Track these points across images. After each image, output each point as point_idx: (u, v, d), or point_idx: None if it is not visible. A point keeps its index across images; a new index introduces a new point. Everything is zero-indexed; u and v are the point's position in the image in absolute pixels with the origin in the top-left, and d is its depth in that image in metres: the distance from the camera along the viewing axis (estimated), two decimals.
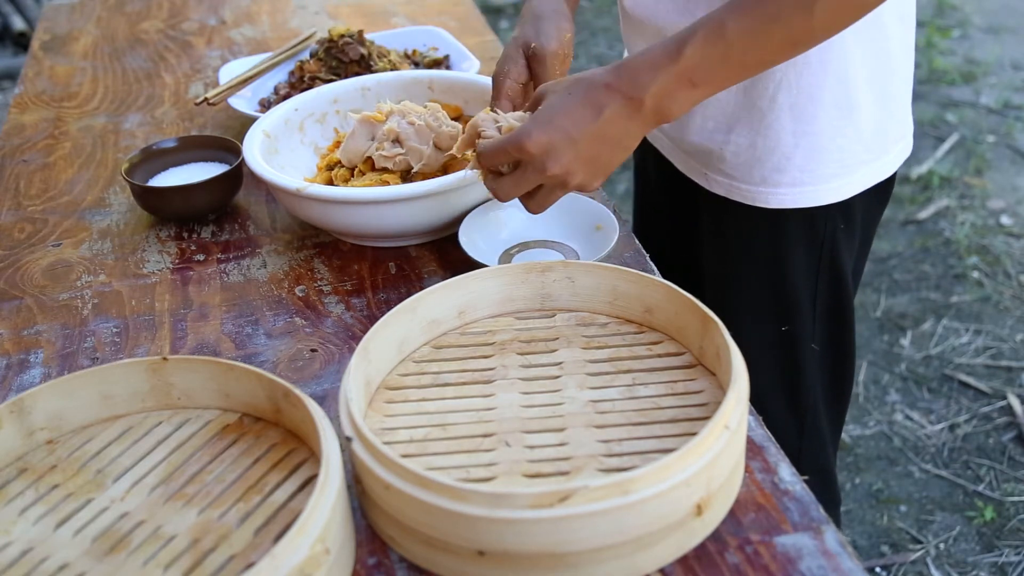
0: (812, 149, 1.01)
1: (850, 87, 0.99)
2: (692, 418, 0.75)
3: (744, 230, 1.09)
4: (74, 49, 1.70)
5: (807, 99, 0.99)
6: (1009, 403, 2.03)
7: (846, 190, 1.04)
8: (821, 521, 0.69)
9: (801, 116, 0.99)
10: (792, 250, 1.07)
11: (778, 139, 1.01)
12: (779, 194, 1.03)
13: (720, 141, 1.04)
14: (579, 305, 0.87)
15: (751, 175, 1.04)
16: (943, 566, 1.72)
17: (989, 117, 3.12)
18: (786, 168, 1.02)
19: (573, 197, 1.05)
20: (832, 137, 1.01)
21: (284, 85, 1.38)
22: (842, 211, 1.05)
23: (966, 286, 2.39)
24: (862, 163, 1.03)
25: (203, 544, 0.68)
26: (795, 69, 0.97)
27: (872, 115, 1.02)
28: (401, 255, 1.05)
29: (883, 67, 1.01)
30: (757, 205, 1.05)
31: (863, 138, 1.02)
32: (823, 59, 0.97)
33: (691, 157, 1.10)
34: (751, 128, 1.02)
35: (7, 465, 0.76)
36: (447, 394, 0.80)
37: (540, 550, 0.63)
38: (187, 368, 0.79)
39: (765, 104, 1.00)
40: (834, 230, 1.06)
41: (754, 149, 1.02)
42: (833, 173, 1.02)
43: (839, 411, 1.23)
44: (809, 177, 1.02)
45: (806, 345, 1.12)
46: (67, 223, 1.17)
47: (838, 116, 1.00)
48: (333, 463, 0.67)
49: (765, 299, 1.11)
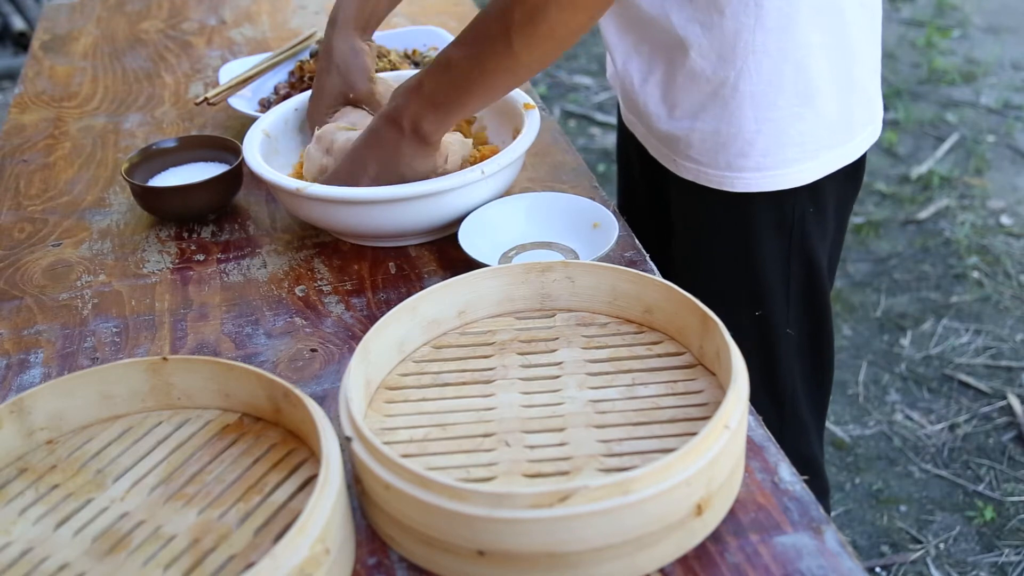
0: (773, 135, 1.04)
1: (810, 74, 1.02)
2: (692, 418, 0.75)
3: (713, 215, 1.12)
4: (74, 49, 1.70)
5: (767, 86, 1.02)
6: (1009, 403, 2.03)
7: (810, 174, 1.06)
8: (821, 521, 0.69)
9: (761, 103, 1.02)
10: (761, 234, 1.09)
11: (740, 126, 1.03)
12: (744, 178, 1.06)
13: (687, 128, 1.07)
14: (579, 305, 0.87)
15: (716, 160, 1.06)
16: (943, 566, 1.72)
17: (989, 117, 3.12)
18: (749, 153, 1.04)
19: (572, 197, 1.05)
20: (793, 123, 1.03)
21: (284, 85, 1.38)
22: (811, 195, 1.08)
23: (966, 286, 2.39)
24: (826, 148, 1.06)
25: (203, 544, 0.68)
26: (755, 58, 1.00)
27: (835, 101, 1.04)
28: (401, 255, 1.05)
29: (844, 54, 1.04)
30: (724, 189, 1.07)
31: (826, 123, 1.05)
32: (782, 48, 1.00)
33: (662, 144, 1.13)
34: (715, 116, 1.04)
35: (7, 465, 0.76)
36: (447, 394, 0.80)
37: (540, 550, 0.63)
38: (187, 368, 0.79)
39: (728, 91, 1.03)
40: (803, 214, 1.09)
41: (718, 135, 1.05)
42: (795, 158, 1.05)
43: (821, 399, 1.24)
44: (771, 162, 1.05)
45: (781, 330, 1.14)
46: (67, 223, 1.17)
47: (798, 103, 1.03)
48: (333, 463, 0.67)
49: (737, 283, 1.13)
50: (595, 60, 3.71)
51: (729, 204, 1.08)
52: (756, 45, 1.00)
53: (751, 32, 0.99)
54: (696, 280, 1.15)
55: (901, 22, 3.80)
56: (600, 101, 3.41)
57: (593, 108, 3.37)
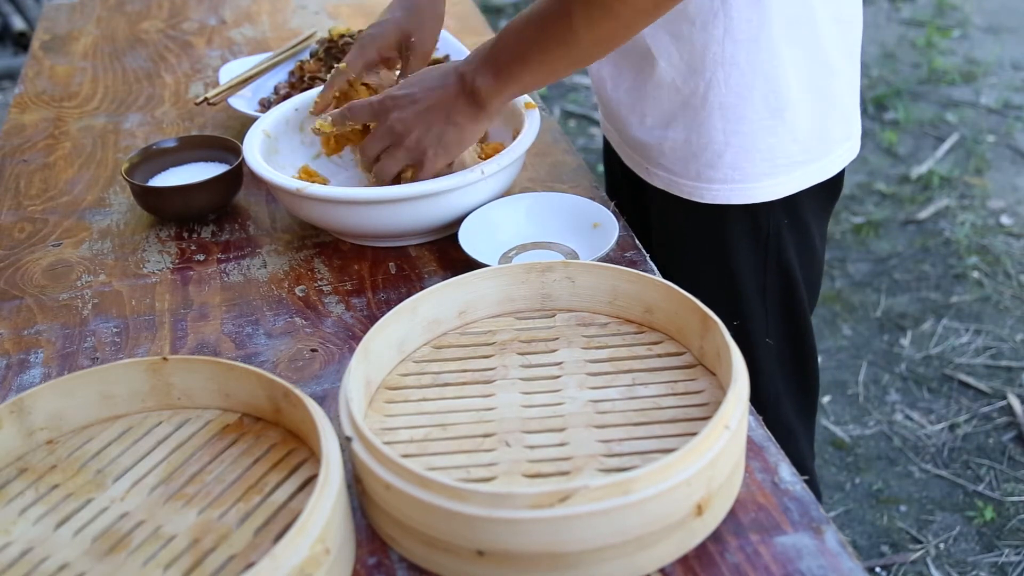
0: (742, 148, 1.03)
1: (780, 88, 1.00)
2: (692, 418, 0.75)
3: (687, 224, 1.11)
4: (74, 49, 1.70)
5: (736, 99, 1.00)
6: (1009, 403, 2.03)
7: (782, 189, 1.05)
8: (821, 521, 0.69)
9: (730, 115, 1.01)
10: (735, 244, 1.08)
11: (710, 137, 1.03)
12: (713, 190, 1.05)
13: (659, 136, 1.06)
14: (579, 305, 0.87)
15: (687, 170, 1.06)
16: (943, 566, 1.72)
17: (989, 117, 3.12)
18: (718, 165, 1.04)
19: (572, 197, 1.05)
20: (763, 137, 1.02)
21: (284, 85, 1.38)
22: (785, 207, 1.06)
23: (966, 286, 2.39)
24: (799, 164, 1.04)
25: (203, 544, 0.68)
26: (724, 69, 0.99)
27: (808, 116, 1.03)
28: (401, 255, 1.05)
29: (820, 69, 1.02)
30: (694, 200, 1.07)
31: (798, 139, 1.03)
32: (751, 60, 0.99)
33: (634, 151, 1.12)
34: (685, 125, 1.04)
35: (7, 465, 0.76)
36: (447, 394, 0.80)
37: (540, 550, 0.63)
38: (187, 368, 0.79)
39: (697, 102, 1.02)
40: (778, 225, 1.07)
41: (689, 145, 1.04)
42: (765, 172, 1.04)
43: (807, 405, 1.23)
44: (740, 175, 1.04)
45: (760, 339, 1.13)
46: (67, 223, 1.17)
47: (768, 116, 1.01)
48: (333, 463, 0.67)
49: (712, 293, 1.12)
50: None
51: (702, 214, 1.07)
52: (725, 57, 0.98)
53: (720, 44, 0.98)
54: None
55: (901, 22, 3.80)
56: None
57: (593, 108, 3.37)
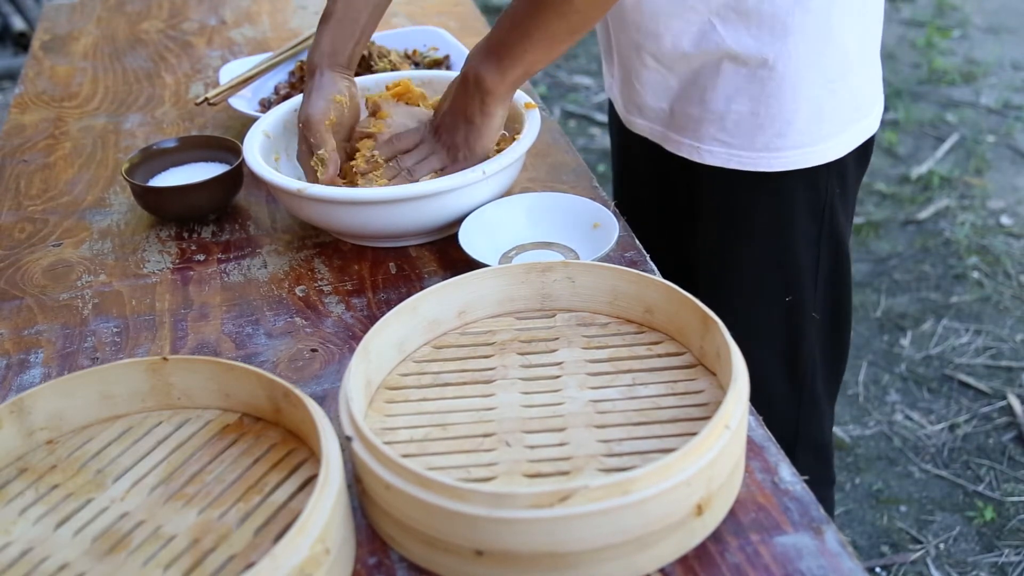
0: (809, 115, 1.05)
1: (843, 52, 1.04)
2: (692, 418, 0.75)
3: (746, 200, 1.11)
4: (74, 49, 1.70)
5: (806, 67, 1.03)
6: (1009, 403, 2.03)
7: (841, 148, 1.08)
8: (821, 521, 0.69)
9: (800, 84, 1.04)
10: (795, 216, 1.10)
11: (780, 106, 1.05)
12: (781, 157, 1.07)
13: (720, 112, 1.07)
14: (579, 305, 0.87)
15: (753, 142, 1.07)
16: (943, 566, 1.72)
17: (989, 117, 3.12)
18: (787, 133, 1.05)
19: (572, 197, 1.05)
20: (828, 100, 1.05)
21: (284, 85, 1.38)
22: (839, 173, 1.09)
23: (966, 286, 2.39)
24: (851, 121, 1.08)
25: (203, 544, 0.68)
26: (793, 38, 1.01)
27: (861, 76, 1.07)
28: (401, 255, 1.05)
29: (869, 29, 1.07)
30: (759, 170, 1.08)
31: (856, 98, 1.07)
32: (819, 27, 1.02)
33: (680, 133, 1.12)
34: (751, 97, 1.05)
35: (7, 465, 0.76)
36: (447, 394, 0.80)
37: (540, 550, 0.63)
38: (187, 368, 0.79)
39: (765, 73, 1.03)
40: (832, 195, 1.10)
41: (756, 117, 1.06)
42: (829, 133, 1.07)
43: (835, 383, 1.24)
44: (807, 138, 1.06)
45: (808, 315, 1.14)
46: (67, 223, 1.17)
47: (832, 80, 1.05)
48: (333, 463, 0.67)
49: (768, 270, 1.13)
50: (595, 60, 3.71)
51: (763, 188, 1.09)
52: (795, 26, 1.01)
53: (790, 14, 1.00)
54: (725, 271, 1.15)
55: (901, 22, 3.80)
56: (600, 101, 3.41)
57: (593, 108, 3.37)
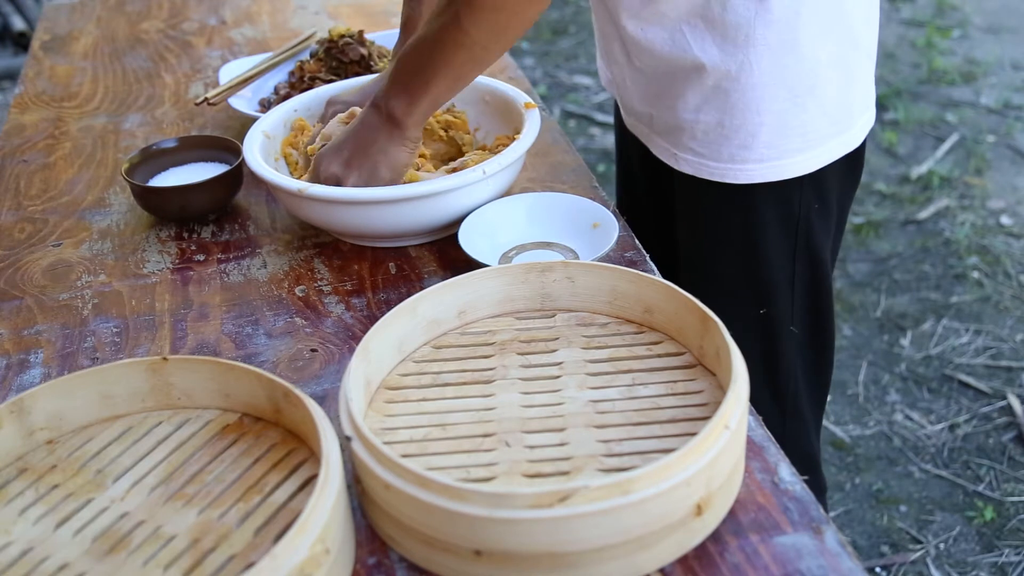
0: (775, 127, 1.04)
1: (812, 65, 1.02)
2: (692, 418, 0.75)
3: (717, 211, 1.11)
4: (74, 49, 1.70)
5: (769, 79, 1.02)
6: (1009, 403, 2.03)
7: (812, 163, 1.06)
8: (821, 521, 0.69)
9: (764, 96, 1.03)
10: (766, 230, 1.09)
11: (744, 118, 1.04)
12: (747, 170, 1.06)
13: (690, 120, 1.07)
14: (579, 305, 0.87)
15: (720, 153, 1.06)
16: (943, 566, 1.72)
17: (989, 117, 3.12)
18: (752, 146, 1.05)
19: (572, 197, 1.05)
20: (796, 114, 1.04)
21: (284, 85, 1.38)
22: (815, 188, 1.08)
23: (966, 286, 2.38)
24: (828, 136, 1.06)
25: (203, 544, 0.68)
26: (756, 50, 1.01)
27: (836, 89, 1.05)
28: (401, 255, 1.05)
29: (846, 42, 1.04)
30: (726, 182, 1.07)
31: (828, 112, 1.05)
32: (783, 39, 1.00)
33: (662, 138, 1.13)
34: (718, 108, 1.04)
35: (7, 465, 0.76)
36: (447, 394, 0.80)
37: (540, 550, 0.63)
38: (187, 368, 0.79)
39: (730, 84, 1.03)
40: (808, 210, 1.09)
41: (722, 128, 1.05)
42: (797, 148, 1.05)
43: (820, 396, 1.24)
44: (774, 153, 1.05)
45: (784, 328, 1.14)
46: (67, 223, 1.17)
47: (801, 93, 1.03)
48: (333, 463, 0.67)
49: (741, 281, 1.13)
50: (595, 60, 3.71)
51: (733, 199, 1.08)
52: (757, 38, 1.00)
53: (751, 25, 0.99)
54: (700, 279, 1.15)
55: (901, 22, 3.80)
56: (600, 101, 3.41)
57: (593, 108, 3.37)
